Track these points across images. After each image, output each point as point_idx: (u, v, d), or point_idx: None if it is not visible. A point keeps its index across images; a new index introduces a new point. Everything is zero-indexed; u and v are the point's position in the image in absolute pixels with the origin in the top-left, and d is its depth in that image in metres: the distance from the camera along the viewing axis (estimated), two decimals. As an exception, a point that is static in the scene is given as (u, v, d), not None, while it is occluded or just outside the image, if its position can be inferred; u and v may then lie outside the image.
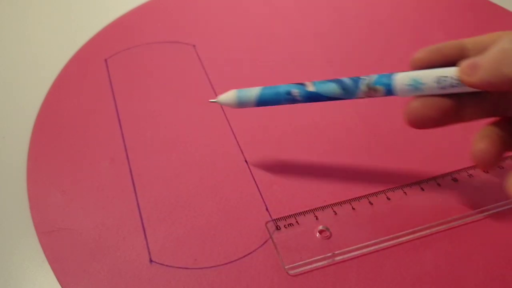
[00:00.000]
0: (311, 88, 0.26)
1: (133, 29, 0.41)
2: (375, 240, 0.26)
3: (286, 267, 0.25)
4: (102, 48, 0.39)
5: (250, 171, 0.30)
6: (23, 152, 0.32)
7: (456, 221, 0.27)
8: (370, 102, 0.34)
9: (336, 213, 0.27)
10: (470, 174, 0.29)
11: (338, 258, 0.25)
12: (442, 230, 0.26)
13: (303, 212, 0.27)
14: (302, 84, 0.26)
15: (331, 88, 0.25)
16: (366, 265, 0.25)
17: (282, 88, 0.26)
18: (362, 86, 0.25)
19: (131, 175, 0.30)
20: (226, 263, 0.25)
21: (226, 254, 0.26)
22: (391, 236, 0.26)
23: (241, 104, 0.27)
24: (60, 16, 0.44)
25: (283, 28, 0.41)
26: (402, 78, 0.24)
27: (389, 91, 0.25)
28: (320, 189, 0.29)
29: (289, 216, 0.27)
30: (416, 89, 0.24)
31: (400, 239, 0.26)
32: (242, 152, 0.31)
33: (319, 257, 0.25)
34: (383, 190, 0.28)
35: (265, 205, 0.28)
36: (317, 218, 0.27)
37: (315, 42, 0.39)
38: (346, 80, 0.25)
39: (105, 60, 0.38)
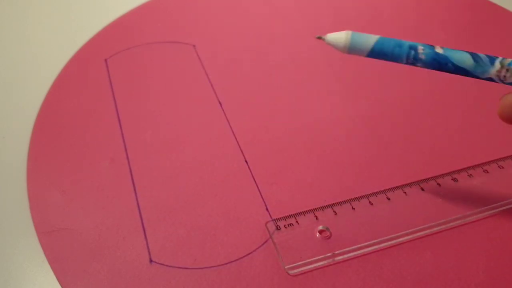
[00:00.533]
0: (440, 50, 0.23)
1: (133, 29, 0.41)
2: (375, 240, 0.26)
3: (286, 267, 0.25)
4: (102, 48, 0.39)
5: (250, 171, 0.30)
6: (23, 152, 0.32)
7: (456, 221, 0.27)
8: (371, 103, 0.34)
9: (336, 213, 0.27)
10: (470, 174, 0.29)
11: (338, 258, 0.25)
12: (442, 230, 0.26)
13: (303, 212, 0.27)
14: (429, 44, 0.23)
15: (463, 56, 0.23)
16: (366, 265, 0.25)
17: (406, 42, 0.23)
18: (497, 63, 0.23)
19: (131, 175, 0.30)
20: (226, 263, 0.25)
21: (226, 254, 0.26)
22: (391, 236, 0.26)
23: (352, 49, 0.23)
24: (60, 16, 0.44)
25: (283, 28, 0.41)
26: None
27: None
28: (320, 189, 0.29)
29: (289, 216, 0.27)
30: None
31: (400, 239, 0.26)
32: (242, 152, 0.31)
33: (319, 257, 0.25)
34: (383, 190, 0.28)
35: (265, 205, 0.28)
36: (317, 218, 0.27)
37: (315, 42, 0.39)
38: (481, 54, 0.23)
39: (105, 60, 0.38)
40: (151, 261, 0.26)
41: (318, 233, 0.26)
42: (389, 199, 0.28)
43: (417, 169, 0.29)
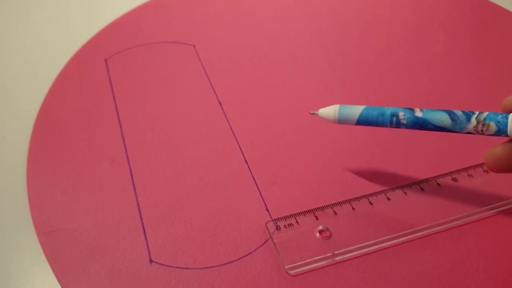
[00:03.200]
0: (419, 113, 0.25)
1: (133, 29, 0.41)
2: (375, 240, 0.26)
3: (286, 267, 0.25)
4: (102, 48, 0.39)
5: (250, 171, 0.30)
6: (23, 152, 0.32)
7: (456, 221, 0.27)
8: (371, 103, 0.34)
9: (336, 213, 0.27)
10: (470, 174, 0.29)
11: (338, 258, 0.25)
12: (442, 230, 0.26)
13: (303, 212, 0.27)
14: (410, 108, 0.26)
15: (441, 117, 0.25)
16: (366, 265, 0.25)
17: (388, 109, 0.26)
18: (473, 120, 0.24)
19: (131, 175, 0.30)
20: (226, 263, 0.25)
21: (226, 254, 0.26)
22: (391, 236, 0.26)
23: (341, 120, 0.26)
24: (60, 16, 0.44)
25: (283, 28, 0.41)
26: None
27: (500, 130, 0.24)
28: (320, 189, 0.29)
29: (289, 216, 0.27)
30: None
31: (400, 239, 0.26)
32: (242, 152, 0.31)
33: (319, 257, 0.25)
34: (383, 190, 0.28)
35: (265, 205, 0.28)
36: (317, 218, 0.27)
37: (315, 42, 0.39)
38: (458, 111, 0.25)
39: (105, 60, 0.38)
40: (151, 261, 0.26)
41: (318, 233, 0.26)
42: (389, 199, 0.28)
43: (417, 169, 0.29)
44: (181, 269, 0.25)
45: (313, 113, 0.28)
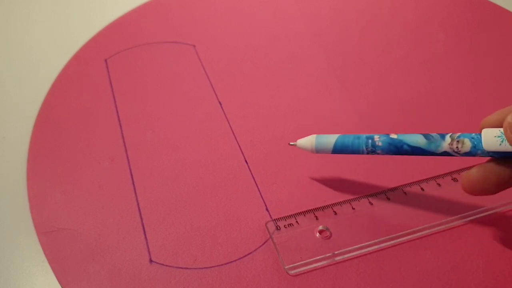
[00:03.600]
0: (394, 136, 0.25)
1: (133, 29, 0.41)
2: (375, 240, 0.26)
3: (286, 267, 0.25)
4: (102, 48, 0.39)
5: (250, 171, 0.30)
6: (23, 152, 0.32)
7: (456, 221, 0.27)
8: (371, 103, 0.34)
9: (336, 213, 0.27)
10: (470, 174, 0.29)
11: (338, 258, 0.25)
12: (442, 230, 0.26)
13: (303, 212, 0.27)
14: (385, 134, 0.26)
15: (415, 137, 0.25)
16: (366, 265, 0.25)
17: (363, 135, 0.26)
18: (447, 138, 0.24)
19: (131, 175, 0.30)
20: (226, 263, 0.25)
21: (226, 254, 0.26)
22: (391, 236, 0.26)
23: (318, 150, 0.27)
24: (60, 16, 0.44)
25: (283, 28, 0.41)
26: (490, 131, 0.23)
27: (475, 146, 0.23)
28: (320, 189, 0.29)
29: (289, 216, 0.27)
30: (504, 141, 0.23)
31: (400, 239, 0.26)
32: (242, 152, 0.31)
33: (319, 257, 0.25)
34: (383, 190, 0.28)
35: (265, 205, 0.28)
36: (317, 218, 0.27)
37: (315, 42, 0.39)
38: (433, 134, 0.25)
39: (105, 60, 0.38)
40: (151, 261, 0.26)
41: (318, 233, 0.26)
42: (389, 199, 0.28)
43: (417, 169, 0.29)
44: (181, 269, 0.25)
45: (292, 144, 0.28)
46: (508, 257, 0.25)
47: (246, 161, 0.30)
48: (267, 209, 0.28)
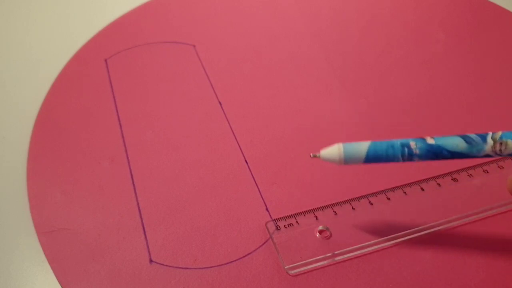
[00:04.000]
0: (431, 141, 0.24)
1: (133, 29, 0.41)
2: (375, 240, 0.26)
3: (286, 267, 0.25)
4: (102, 48, 0.39)
5: (250, 171, 0.30)
6: (23, 152, 0.32)
7: (456, 221, 0.27)
8: (371, 103, 0.34)
9: (336, 213, 0.27)
10: (470, 174, 0.29)
11: (338, 258, 0.25)
12: (442, 230, 0.26)
13: (303, 212, 0.27)
14: (420, 138, 0.24)
15: (455, 141, 0.23)
16: (366, 265, 0.25)
17: (397, 141, 0.24)
18: (489, 140, 0.23)
19: (131, 175, 0.30)
20: (226, 263, 0.25)
21: (226, 254, 0.26)
22: (391, 236, 0.26)
23: (347, 160, 0.24)
24: (60, 16, 0.44)
25: (283, 28, 0.41)
26: None
27: None
28: (320, 189, 0.29)
29: (289, 216, 0.27)
30: None
31: (400, 239, 0.26)
32: (242, 152, 0.31)
33: (319, 257, 0.25)
34: (383, 190, 0.28)
35: (265, 205, 0.28)
36: (317, 218, 0.27)
37: (315, 42, 0.39)
38: (471, 134, 0.24)
39: (105, 60, 0.38)
40: (151, 261, 0.26)
41: (318, 233, 0.26)
42: (389, 199, 0.28)
43: (417, 169, 0.29)
44: (181, 269, 0.25)
45: (314, 156, 0.25)
46: (509, 257, 0.25)
47: (246, 161, 0.30)
48: (267, 209, 0.28)
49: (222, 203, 0.28)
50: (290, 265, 0.25)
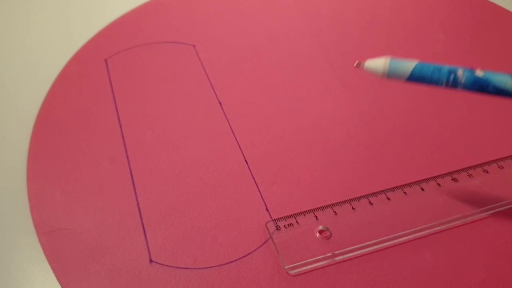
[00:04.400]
0: (479, 73, 0.23)
1: (133, 29, 0.41)
2: (375, 240, 0.26)
3: (286, 267, 0.25)
4: (102, 48, 0.39)
5: (250, 171, 0.30)
6: (23, 152, 0.32)
7: (456, 221, 0.27)
8: (371, 103, 0.34)
9: (336, 213, 0.27)
10: (470, 174, 0.29)
11: (338, 258, 0.25)
12: (442, 230, 0.26)
13: (303, 212, 0.27)
14: (469, 68, 0.23)
15: (504, 79, 0.23)
16: (366, 265, 0.25)
17: (445, 66, 0.23)
18: None
19: (131, 175, 0.30)
20: (226, 263, 0.25)
21: (226, 254, 0.26)
22: (391, 236, 0.26)
23: (391, 74, 0.24)
24: (60, 16, 0.44)
25: (283, 28, 0.41)
26: None
27: None
28: (320, 189, 0.29)
29: (289, 216, 0.27)
30: None
31: (400, 239, 0.26)
32: (242, 152, 0.31)
33: (319, 257, 0.25)
34: (383, 190, 0.28)
35: (265, 205, 0.28)
36: (317, 218, 0.27)
37: (315, 42, 0.39)
38: None
39: (105, 60, 0.38)
40: (151, 261, 0.26)
41: (318, 233, 0.26)
42: (389, 199, 0.28)
43: (417, 169, 0.29)
44: (181, 269, 0.25)
45: (358, 65, 0.25)
46: (508, 257, 0.25)
47: (246, 161, 0.30)
48: (267, 209, 0.28)
49: (222, 203, 0.28)
50: (290, 265, 0.25)
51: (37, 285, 0.26)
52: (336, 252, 0.25)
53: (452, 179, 0.29)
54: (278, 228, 0.26)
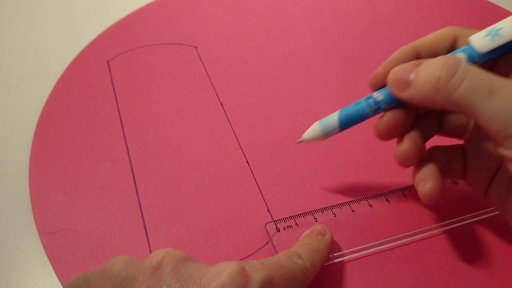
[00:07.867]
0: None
1: (135, 31, 0.41)
2: (375, 242, 0.26)
3: (286, 268, 0.25)
4: (104, 50, 0.39)
5: (252, 173, 0.30)
6: (26, 153, 0.32)
7: (456, 223, 0.27)
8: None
9: (335, 215, 0.27)
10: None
11: (337, 260, 0.25)
12: (442, 232, 0.26)
13: (302, 214, 0.27)
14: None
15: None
16: (366, 266, 0.25)
17: (361, 99, 0.25)
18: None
19: (133, 176, 0.30)
20: (227, 264, 0.25)
21: (227, 255, 0.26)
22: (391, 238, 0.26)
23: (327, 134, 0.26)
24: (62, 18, 0.44)
25: (284, 29, 0.41)
26: (477, 36, 0.22)
27: (471, 55, 0.23)
28: (321, 190, 0.29)
29: (289, 218, 0.27)
30: (494, 37, 0.22)
31: (400, 241, 0.26)
32: (244, 154, 0.31)
33: (319, 259, 0.25)
34: (382, 193, 0.28)
35: (267, 206, 0.28)
36: (316, 220, 0.27)
37: (316, 44, 0.39)
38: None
39: (107, 61, 0.38)
40: (152, 262, 0.26)
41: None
42: (388, 201, 0.28)
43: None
44: (183, 270, 0.25)
45: (300, 141, 0.27)
46: (508, 257, 0.25)
47: (247, 162, 0.31)
48: (268, 210, 0.28)
49: (223, 204, 0.28)
50: (291, 267, 0.25)
51: (39, 285, 0.26)
52: (335, 254, 0.25)
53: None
54: (277, 230, 0.27)
